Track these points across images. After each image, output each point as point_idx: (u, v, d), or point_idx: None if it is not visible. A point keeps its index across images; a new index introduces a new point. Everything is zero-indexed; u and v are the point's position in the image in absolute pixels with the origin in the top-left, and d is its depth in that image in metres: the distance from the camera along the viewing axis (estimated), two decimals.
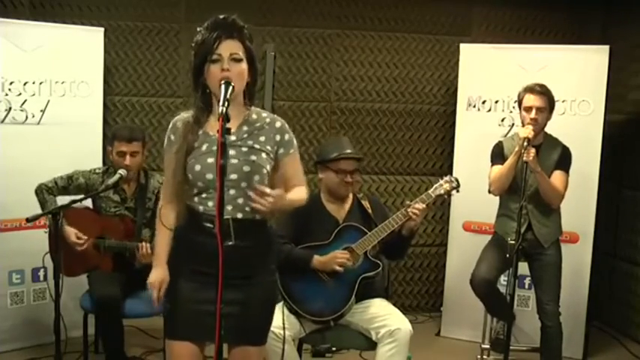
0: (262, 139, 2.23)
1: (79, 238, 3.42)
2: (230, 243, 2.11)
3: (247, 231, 2.20)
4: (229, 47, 2.14)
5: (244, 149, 2.20)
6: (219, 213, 1.96)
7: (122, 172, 3.43)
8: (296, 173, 2.32)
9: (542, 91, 3.45)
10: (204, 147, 2.20)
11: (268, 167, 2.22)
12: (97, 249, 3.49)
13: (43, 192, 3.46)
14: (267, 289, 2.29)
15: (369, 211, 3.28)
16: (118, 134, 3.56)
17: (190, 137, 2.20)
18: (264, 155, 2.21)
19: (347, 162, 3.19)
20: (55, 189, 3.48)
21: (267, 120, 2.27)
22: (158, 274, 2.31)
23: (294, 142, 2.32)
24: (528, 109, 3.45)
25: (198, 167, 2.17)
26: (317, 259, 3.11)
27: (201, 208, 2.20)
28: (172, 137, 2.27)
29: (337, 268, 3.09)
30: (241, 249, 2.16)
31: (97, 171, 3.62)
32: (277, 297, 2.41)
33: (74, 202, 3.38)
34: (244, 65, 2.17)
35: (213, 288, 1.98)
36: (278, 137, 2.26)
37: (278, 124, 2.28)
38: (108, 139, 3.70)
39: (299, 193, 2.29)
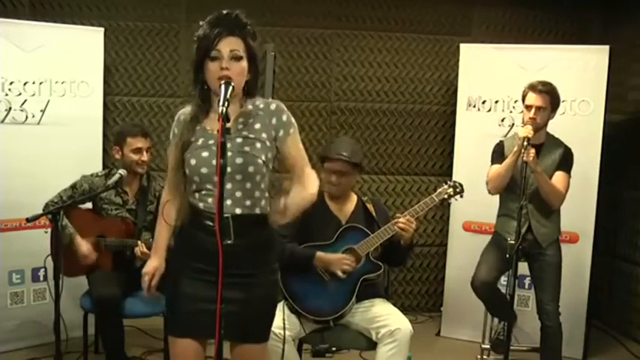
0: (257, 126, 2.20)
1: (89, 251, 3.43)
2: (229, 242, 2.10)
3: (247, 227, 2.18)
4: (229, 44, 2.11)
5: (238, 140, 2.16)
6: (220, 214, 1.95)
7: (122, 171, 3.43)
8: (300, 154, 2.27)
9: (545, 90, 3.44)
10: (200, 141, 2.18)
11: (264, 157, 2.17)
12: (97, 248, 3.49)
13: (49, 207, 3.39)
14: (269, 287, 2.28)
15: (373, 213, 3.28)
16: (130, 131, 3.54)
17: (187, 133, 2.19)
18: (258, 145, 2.17)
19: (334, 163, 3.17)
20: (60, 202, 3.44)
21: (261, 105, 2.23)
22: (153, 263, 2.32)
23: (293, 121, 2.26)
24: (528, 108, 3.45)
25: (193, 161, 2.16)
26: (319, 256, 3.10)
27: (201, 205, 2.19)
28: (176, 130, 2.26)
29: (340, 273, 3.09)
30: (242, 246, 2.15)
31: (100, 174, 3.61)
32: (279, 295, 2.40)
33: (75, 202, 3.40)
34: (244, 63, 2.14)
35: (214, 286, 1.97)
36: (274, 120, 2.22)
37: (272, 107, 2.24)
38: (114, 138, 3.65)
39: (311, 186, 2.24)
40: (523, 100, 3.50)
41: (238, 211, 2.16)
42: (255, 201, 2.19)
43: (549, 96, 3.44)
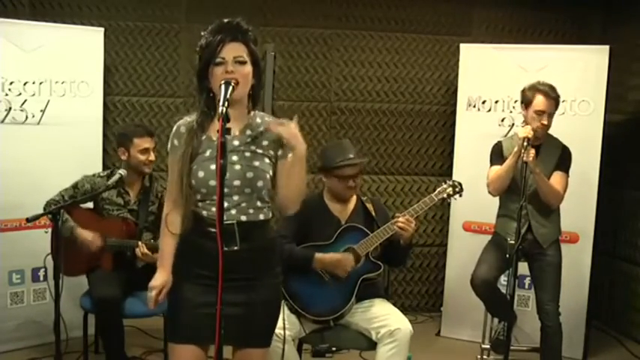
0: (265, 143, 2.22)
1: (94, 237, 3.43)
2: (235, 248, 2.12)
3: (252, 233, 2.19)
4: (233, 50, 2.12)
5: (247, 154, 2.18)
6: (220, 213, 1.96)
7: (122, 172, 3.43)
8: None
9: (555, 96, 3.41)
10: (207, 153, 2.18)
11: (271, 172, 2.21)
12: (99, 247, 3.48)
13: (50, 206, 3.38)
14: (272, 291, 2.28)
15: (373, 213, 3.28)
16: (136, 132, 3.55)
17: (194, 143, 2.18)
18: (267, 160, 2.20)
19: (350, 168, 3.19)
20: (62, 201, 3.44)
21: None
22: (161, 278, 2.29)
23: None
24: (540, 113, 3.40)
25: (201, 174, 2.16)
26: (318, 258, 3.10)
27: (205, 213, 2.19)
28: (176, 142, 2.24)
29: (341, 274, 3.09)
30: (246, 252, 2.16)
31: (102, 174, 3.61)
32: (281, 299, 2.40)
33: (77, 202, 3.40)
34: (249, 68, 2.15)
35: (217, 291, 1.97)
36: (280, 140, 2.23)
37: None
38: (117, 140, 3.64)
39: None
40: (528, 103, 3.45)
41: (243, 218, 2.18)
42: (259, 210, 2.21)
43: (556, 101, 3.44)
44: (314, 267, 3.10)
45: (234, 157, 2.15)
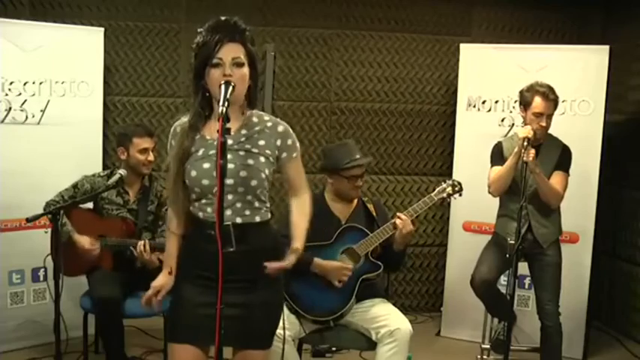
0: (262, 142, 2.20)
1: (91, 244, 3.43)
2: (231, 249, 2.10)
3: (249, 235, 2.18)
4: (231, 51, 2.10)
5: (241, 153, 2.16)
6: (219, 214, 1.96)
7: (122, 172, 3.43)
8: (299, 176, 2.34)
9: (554, 97, 3.41)
10: (200, 152, 2.17)
11: (267, 171, 2.18)
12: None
13: (50, 207, 3.38)
14: (273, 292, 2.27)
15: (373, 213, 3.28)
16: (136, 132, 3.54)
17: (187, 143, 2.17)
18: (262, 159, 2.18)
19: (358, 168, 3.20)
20: (61, 201, 3.44)
21: (269, 124, 2.23)
22: (161, 279, 2.31)
23: (297, 146, 2.29)
24: (539, 115, 3.40)
25: (193, 173, 2.15)
26: (317, 263, 3.10)
27: (200, 214, 2.19)
28: (173, 142, 2.24)
29: (336, 283, 3.09)
30: (245, 253, 2.15)
31: (102, 174, 3.62)
32: (282, 300, 2.40)
33: (76, 202, 3.40)
34: (246, 70, 2.13)
35: (217, 292, 1.97)
36: (279, 142, 2.22)
37: (280, 129, 2.24)
38: (117, 139, 3.64)
39: (304, 213, 2.37)
40: (527, 104, 3.44)
41: (239, 220, 2.17)
42: (256, 210, 2.20)
43: (555, 102, 3.44)
44: (312, 270, 3.10)
45: (229, 156, 2.10)
